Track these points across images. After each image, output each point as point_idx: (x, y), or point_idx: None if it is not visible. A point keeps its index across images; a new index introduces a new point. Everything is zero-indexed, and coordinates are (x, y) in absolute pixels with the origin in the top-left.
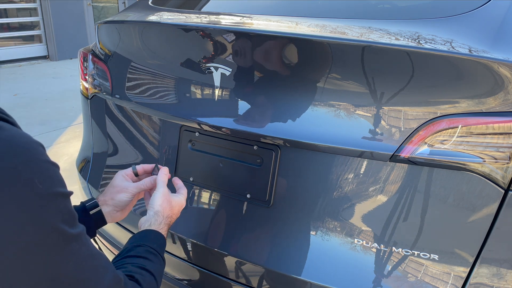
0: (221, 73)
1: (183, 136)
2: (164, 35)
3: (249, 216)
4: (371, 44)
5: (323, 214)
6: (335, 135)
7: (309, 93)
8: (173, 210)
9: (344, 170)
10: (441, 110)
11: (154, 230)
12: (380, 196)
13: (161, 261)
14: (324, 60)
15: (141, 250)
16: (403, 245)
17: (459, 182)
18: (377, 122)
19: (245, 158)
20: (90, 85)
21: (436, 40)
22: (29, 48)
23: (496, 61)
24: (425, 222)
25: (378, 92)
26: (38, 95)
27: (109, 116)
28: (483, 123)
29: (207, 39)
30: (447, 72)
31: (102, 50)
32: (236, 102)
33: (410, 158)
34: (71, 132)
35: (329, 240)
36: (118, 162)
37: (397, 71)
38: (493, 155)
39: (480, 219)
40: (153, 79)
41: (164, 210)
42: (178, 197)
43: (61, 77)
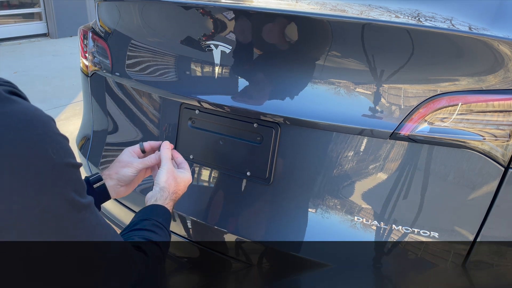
0: (221, 51)
1: (183, 113)
2: (164, 13)
3: (249, 194)
4: (371, 22)
5: (323, 192)
6: (335, 112)
7: (309, 71)
8: (178, 186)
9: (344, 148)
10: (441, 87)
11: (160, 205)
12: (380, 174)
13: (167, 235)
14: (324, 38)
15: (147, 224)
16: (403, 223)
17: (459, 160)
18: (377, 99)
19: (245, 136)
20: (90, 63)
21: (436, 18)
22: (29, 26)
23: (496, 39)
24: (425, 200)
25: (378, 70)
26: (38, 73)
27: (109, 93)
28: (483, 101)
29: (207, 17)
30: (447, 49)
31: (102, 28)
32: (236, 80)
33: (410, 135)
34: (71, 110)
35: (329, 217)
36: (118, 140)
37: (397, 48)
38: (493, 133)
39: (480, 196)
40: (153, 56)
41: (169, 186)
42: (184, 173)
43: (61, 55)
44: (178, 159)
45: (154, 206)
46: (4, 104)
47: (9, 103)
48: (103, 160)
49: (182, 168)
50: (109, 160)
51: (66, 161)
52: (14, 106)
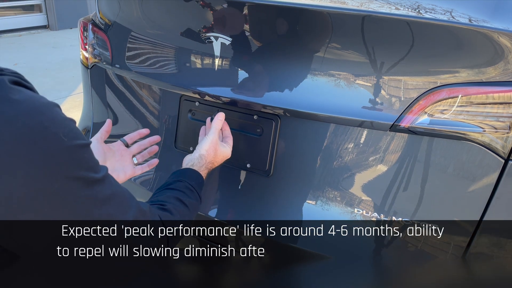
0: (221, 42)
1: (183, 105)
2: (164, 5)
3: (249, 186)
4: (371, 13)
5: (323, 184)
6: (335, 104)
7: (309, 63)
8: (216, 158)
9: (344, 139)
10: (441, 79)
11: (194, 170)
12: (380, 166)
13: (197, 198)
14: (324, 30)
15: (180, 185)
16: (403, 215)
17: (459, 151)
18: (377, 91)
19: (245, 128)
20: (90, 55)
21: (436, 10)
22: (29, 18)
23: (496, 31)
24: (425, 192)
25: (378, 62)
26: (38, 64)
27: (109, 85)
28: (483, 93)
29: (207, 9)
30: (447, 41)
31: (102, 20)
32: (236, 71)
33: (410, 127)
34: (71, 101)
35: (329, 209)
36: (118, 131)
37: (397, 40)
38: (493, 125)
39: (480, 188)
40: (153, 48)
41: (208, 155)
42: (225, 148)
43: (61, 47)
44: (226, 131)
45: (190, 170)
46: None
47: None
48: None
49: (225, 142)
50: None
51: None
52: (21, 95)
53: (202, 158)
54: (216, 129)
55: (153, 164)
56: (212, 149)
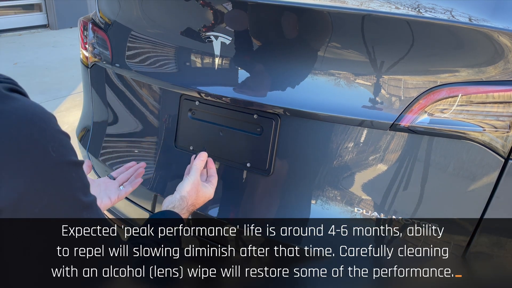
0: (221, 42)
1: (183, 105)
2: (164, 4)
3: (249, 185)
4: (371, 13)
5: (323, 183)
6: (335, 104)
7: (310, 62)
8: (198, 200)
9: (344, 139)
10: (441, 79)
11: (175, 213)
12: (380, 165)
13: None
14: (324, 29)
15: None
16: (403, 214)
17: (459, 151)
18: (377, 91)
19: (245, 127)
20: (90, 54)
21: (436, 9)
22: (29, 17)
23: (496, 30)
24: (425, 191)
25: (378, 61)
26: (38, 64)
27: (109, 85)
28: (483, 92)
29: (207, 8)
30: (447, 41)
31: (102, 19)
32: (236, 71)
33: (410, 127)
34: (71, 101)
35: (329, 208)
36: (118, 131)
37: (397, 40)
38: (493, 124)
39: (480, 188)
40: (153, 48)
41: (190, 197)
42: (207, 189)
43: (61, 46)
44: (211, 170)
45: (170, 213)
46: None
47: (9, 100)
48: (103, 151)
49: (209, 181)
50: (109, 151)
51: (67, 159)
52: (14, 103)
53: (183, 200)
54: (198, 169)
55: (137, 184)
56: (193, 190)
